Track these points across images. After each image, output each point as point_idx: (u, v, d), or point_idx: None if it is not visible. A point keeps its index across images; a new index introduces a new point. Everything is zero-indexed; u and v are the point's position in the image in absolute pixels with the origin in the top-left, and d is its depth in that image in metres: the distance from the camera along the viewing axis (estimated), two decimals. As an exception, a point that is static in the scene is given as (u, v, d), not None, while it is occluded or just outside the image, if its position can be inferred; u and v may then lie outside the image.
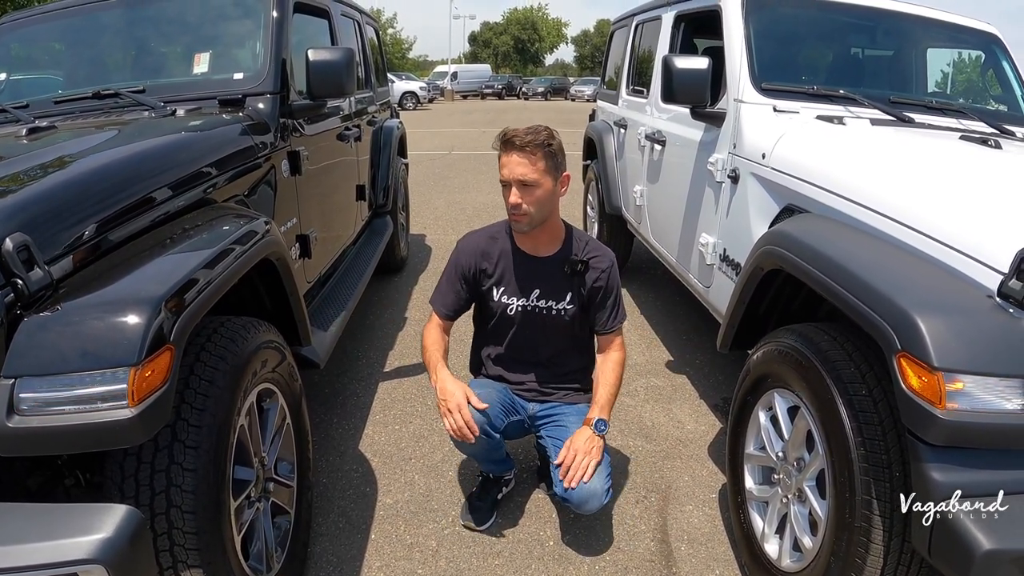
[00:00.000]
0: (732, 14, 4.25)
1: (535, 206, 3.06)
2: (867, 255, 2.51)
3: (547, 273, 3.26)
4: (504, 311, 3.32)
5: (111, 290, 2.04)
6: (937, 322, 2.01)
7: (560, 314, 3.29)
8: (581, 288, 3.26)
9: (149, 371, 1.86)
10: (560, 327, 3.33)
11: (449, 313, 3.37)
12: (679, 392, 4.78)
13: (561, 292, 3.26)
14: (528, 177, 2.99)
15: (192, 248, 2.41)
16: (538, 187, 3.02)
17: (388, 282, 7.00)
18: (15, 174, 2.42)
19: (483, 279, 3.32)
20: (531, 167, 2.99)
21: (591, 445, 3.09)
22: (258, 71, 3.89)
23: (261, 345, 2.58)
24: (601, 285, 3.26)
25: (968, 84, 5.39)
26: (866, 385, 2.32)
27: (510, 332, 3.39)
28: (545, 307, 3.28)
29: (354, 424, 4.28)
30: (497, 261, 3.29)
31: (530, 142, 2.97)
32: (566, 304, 3.27)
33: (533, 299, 3.28)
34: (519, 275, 3.28)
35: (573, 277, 3.24)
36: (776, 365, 2.76)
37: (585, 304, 3.29)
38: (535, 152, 2.98)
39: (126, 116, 3.64)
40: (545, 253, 3.26)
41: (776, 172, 3.45)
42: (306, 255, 4.05)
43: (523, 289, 3.28)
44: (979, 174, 2.89)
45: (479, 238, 3.35)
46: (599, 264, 3.26)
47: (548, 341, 3.38)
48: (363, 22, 6.74)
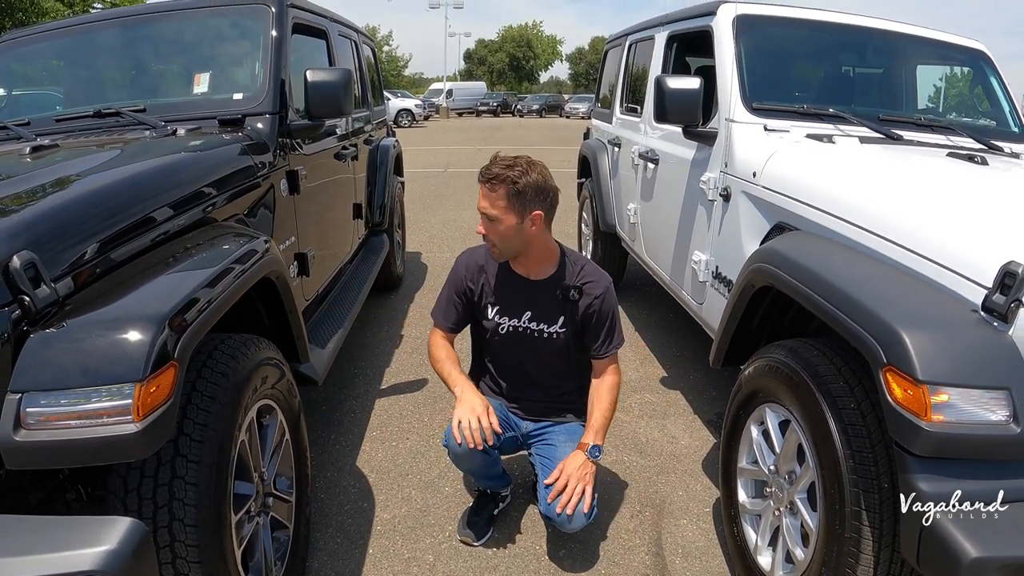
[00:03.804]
0: (723, 35, 4.31)
1: (498, 239, 3.10)
2: (854, 271, 2.57)
3: (539, 296, 3.26)
4: (496, 329, 3.34)
5: (116, 307, 2.09)
6: (922, 336, 2.07)
7: (552, 337, 3.28)
8: (574, 313, 3.24)
9: (154, 387, 1.91)
10: (553, 349, 3.32)
11: (451, 327, 3.40)
12: (673, 408, 4.82)
13: (553, 316, 3.26)
14: (488, 211, 3.03)
15: (194, 267, 2.46)
16: (499, 222, 3.03)
17: (384, 300, 7.04)
18: (21, 192, 2.47)
19: (478, 296, 3.34)
20: (490, 203, 3.02)
21: (584, 471, 3.12)
22: (257, 91, 3.94)
23: (261, 362, 2.63)
24: (595, 311, 3.23)
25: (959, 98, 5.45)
26: (855, 399, 2.37)
27: (503, 350, 3.41)
28: (537, 329, 3.28)
29: (352, 440, 4.31)
30: (492, 280, 3.31)
31: (496, 176, 2.98)
32: (558, 328, 3.26)
33: (525, 320, 3.28)
34: (511, 296, 3.29)
35: (565, 303, 3.23)
36: (767, 380, 2.81)
37: (579, 329, 3.28)
38: (496, 189, 2.99)
39: (127, 135, 3.69)
40: (537, 277, 3.25)
41: (766, 190, 3.51)
42: (304, 273, 4.09)
43: (515, 310, 3.29)
44: (964, 191, 2.96)
45: (477, 255, 3.36)
46: (593, 290, 3.23)
47: (540, 362, 3.39)
48: (360, 42, 6.80)
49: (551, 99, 67.19)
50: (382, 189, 6.61)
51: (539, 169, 3.04)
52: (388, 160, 6.93)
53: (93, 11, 39.15)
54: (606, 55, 8.13)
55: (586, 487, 3.10)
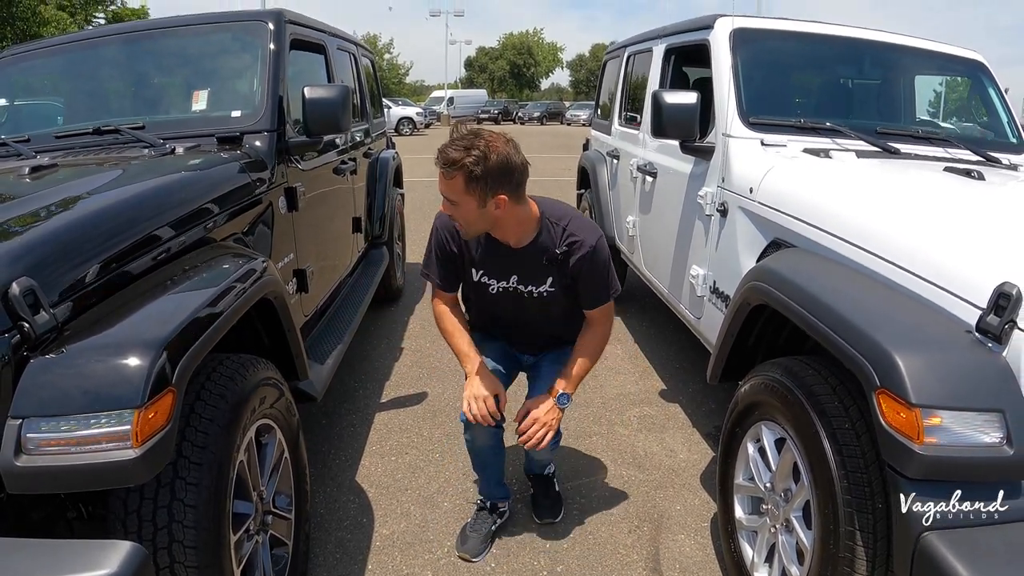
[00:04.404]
0: (720, 49, 4.34)
1: (463, 221, 2.99)
2: (848, 291, 2.59)
3: (524, 262, 3.16)
4: (486, 290, 3.29)
5: (115, 332, 2.11)
6: (915, 359, 2.08)
7: (544, 295, 3.23)
8: (563, 273, 3.16)
9: (152, 413, 1.93)
10: (545, 304, 3.27)
11: (446, 285, 3.35)
12: (672, 421, 4.83)
13: (541, 277, 3.19)
14: (447, 195, 2.92)
15: (193, 289, 2.48)
16: (460, 207, 2.92)
17: (384, 312, 7.06)
18: (20, 216, 2.48)
19: (461, 259, 3.26)
20: (447, 187, 2.89)
21: (549, 417, 3.20)
22: (255, 109, 3.96)
23: (259, 382, 2.64)
24: (583, 268, 3.13)
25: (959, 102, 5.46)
26: (849, 419, 2.38)
27: (496, 307, 3.38)
28: (526, 290, 3.23)
29: (351, 455, 4.33)
30: (473, 244, 3.21)
31: (452, 162, 2.80)
32: (547, 287, 3.19)
33: (513, 283, 3.23)
34: (495, 262, 3.21)
35: (551, 266, 3.14)
36: (763, 398, 2.82)
37: (568, 284, 3.19)
38: (452, 176, 2.83)
39: (126, 153, 3.71)
40: (519, 244, 3.13)
41: (763, 207, 3.53)
42: (303, 289, 4.11)
43: (501, 274, 3.23)
44: (960, 209, 2.96)
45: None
46: (579, 249, 3.09)
47: (534, 316, 3.36)
48: (359, 54, 6.82)
49: (552, 106, 67.24)
50: (382, 202, 6.63)
51: (500, 148, 2.84)
52: (388, 172, 6.95)
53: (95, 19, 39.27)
54: (605, 66, 8.17)
55: (548, 432, 3.20)
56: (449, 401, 5.01)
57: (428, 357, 5.90)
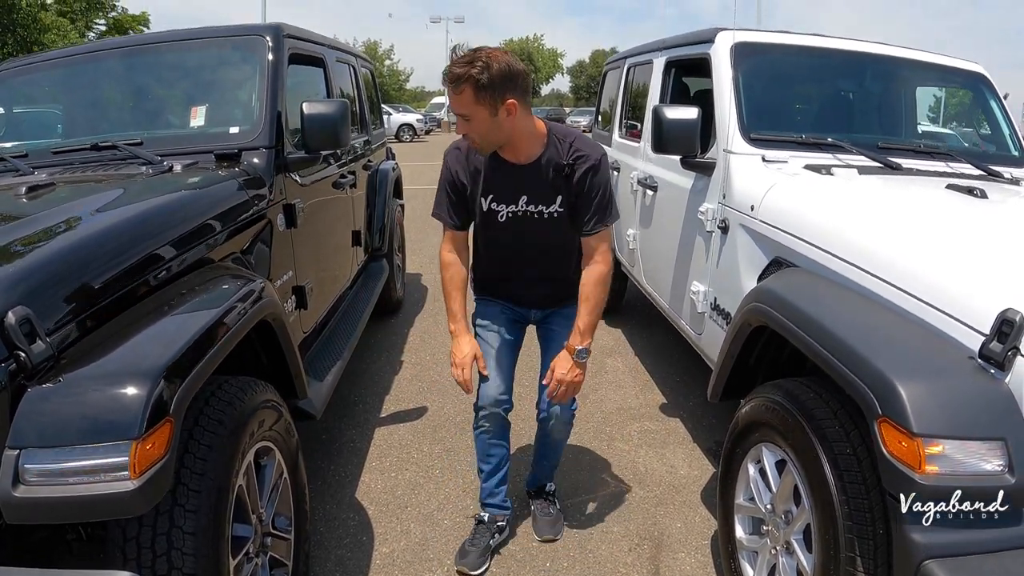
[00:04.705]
0: (721, 63, 4.32)
1: (478, 136, 3.06)
2: (850, 315, 2.58)
3: (532, 179, 3.23)
4: (496, 218, 3.32)
5: (112, 361, 2.10)
6: (917, 387, 2.07)
7: (553, 216, 3.27)
8: (569, 189, 3.22)
9: (150, 444, 1.92)
10: (553, 231, 3.32)
11: (456, 223, 3.40)
12: (672, 436, 4.82)
13: (549, 196, 3.25)
14: (459, 111, 3.00)
15: (190, 314, 2.47)
16: (474, 120, 3.00)
17: (384, 324, 7.04)
18: (17, 240, 2.47)
19: (471, 189, 3.32)
20: (458, 100, 2.97)
21: (573, 374, 3.32)
22: (254, 125, 3.95)
23: (258, 406, 2.63)
24: (587, 183, 3.19)
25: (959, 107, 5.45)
26: (850, 443, 2.37)
27: (504, 239, 3.40)
28: (536, 211, 3.27)
29: (351, 471, 4.32)
30: (482, 170, 3.27)
31: (459, 76, 2.91)
32: (557, 207, 3.25)
33: (522, 205, 3.27)
34: (505, 183, 3.26)
35: (559, 180, 3.21)
36: (763, 420, 2.80)
37: (574, 203, 3.25)
38: (461, 90, 2.92)
39: (124, 171, 3.69)
40: (527, 160, 3.20)
41: (764, 225, 3.52)
42: (302, 306, 4.10)
43: (510, 196, 3.28)
44: (962, 230, 2.93)
45: (463, 148, 3.32)
46: (585, 163, 3.18)
47: (541, 247, 3.41)
48: (358, 65, 6.82)
49: (553, 112, 66.87)
50: (381, 214, 6.63)
51: (501, 56, 2.95)
52: (387, 184, 6.95)
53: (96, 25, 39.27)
54: (605, 76, 8.14)
55: (575, 389, 3.40)
56: (449, 416, 5.00)
57: (428, 371, 5.90)
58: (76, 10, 36.18)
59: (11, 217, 2.77)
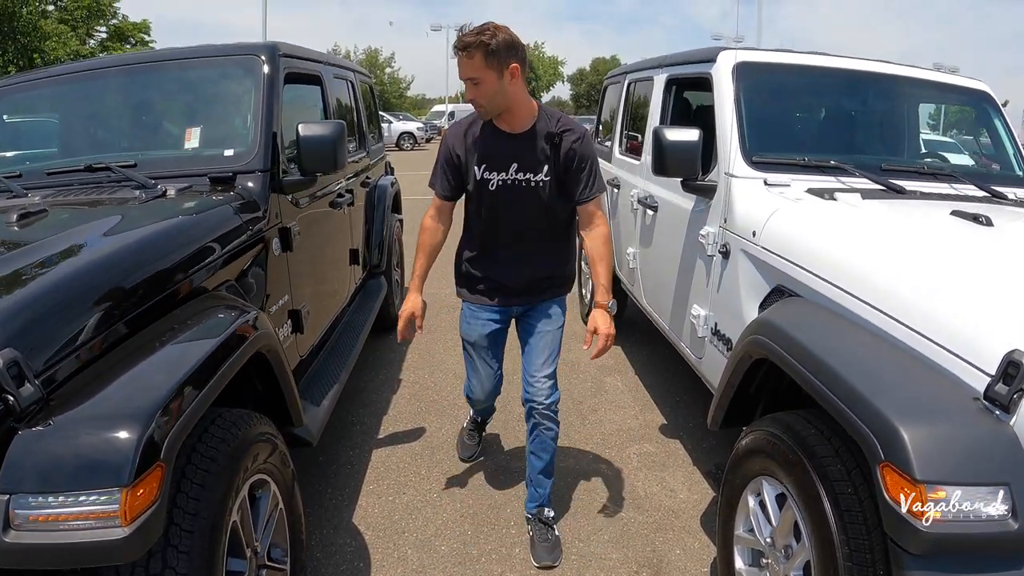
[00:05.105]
0: (723, 84, 4.28)
1: (485, 99, 3.38)
2: (852, 352, 2.53)
3: (523, 148, 3.53)
4: (487, 187, 3.60)
5: (101, 403, 2.07)
6: (920, 432, 2.03)
7: (539, 185, 3.56)
8: (556, 160, 3.53)
9: (141, 490, 1.89)
10: (539, 202, 3.61)
11: (446, 194, 3.75)
12: (672, 458, 4.79)
13: (538, 164, 3.53)
14: (470, 75, 3.33)
15: (182, 350, 2.43)
16: (483, 84, 3.33)
17: (383, 341, 6.98)
18: (4, 277, 2.42)
19: (466, 159, 3.61)
20: (470, 65, 3.30)
21: (609, 327, 3.70)
22: (248, 148, 3.89)
23: (253, 440, 2.60)
24: (575, 154, 3.52)
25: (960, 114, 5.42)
26: (851, 483, 2.33)
27: (494, 210, 3.68)
28: (524, 179, 3.55)
29: (347, 495, 4.28)
30: (478, 141, 3.58)
31: (470, 43, 3.26)
32: (543, 176, 3.55)
33: (512, 172, 3.55)
34: (498, 151, 3.55)
35: (548, 150, 3.52)
36: (763, 453, 2.77)
37: (561, 176, 3.57)
38: (473, 55, 3.28)
39: (117, 195, 3.65)
40: (521, 129, 3.52)
41: (766, 251, 3.48)
42: (298, 330, 4.06)
43: (502, 163, 3.55)
44: (967, 263, 2.82)
45: (462, 125, 3.69)
46: (571, 136, 3.52)
47: (528, 218, 3.67)
48: (356, 80, 6.77)
49: (553, 119, 67.10)
50: (380, 230, 6.58)
51: (505, 29, 3.34)
52: (386, 199, 6.90)
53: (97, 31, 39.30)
54: (605, 91, 8.11)
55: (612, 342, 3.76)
56: (447, 438, 4.96)
57: (427, 390, 5.85)
58: (77, 18, 36.24)
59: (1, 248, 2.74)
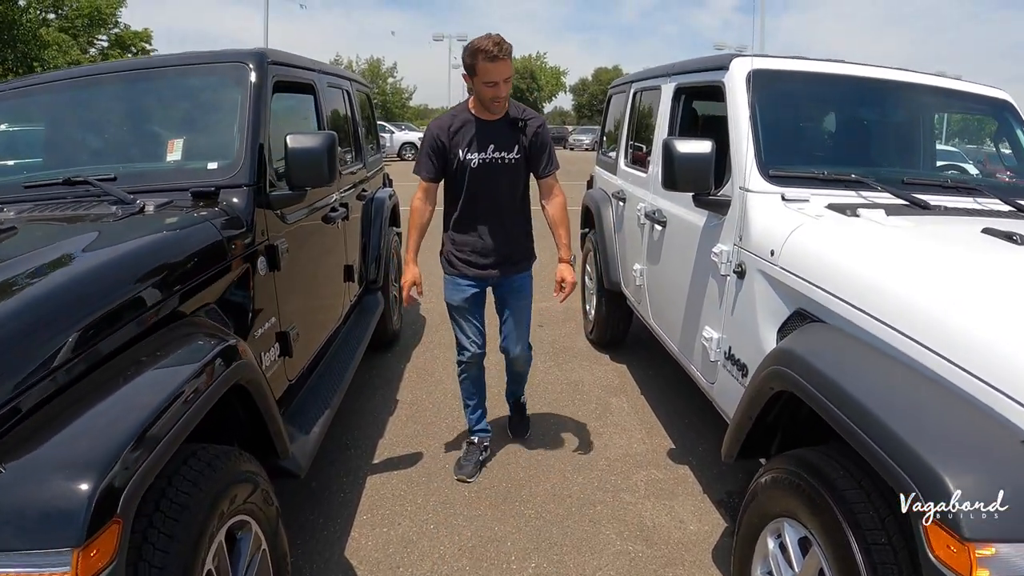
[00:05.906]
0: (737, 93, 4.05)
1: (506, 94, 4.19)
2: (886, 387, 2.32)
3: (499, 132, 4.32)
4: (469, 166, 4.30)
5: (55, 450, 1.86)
6: (969, 485, 1.81)
7: (512, 163, 4.35)
8: (523, 141, 4.36)
9: (94, 551, 1.68)
10: (512, 178, 4.40)
11: (431, 177, 4.41)
12: (681, 485, 4.55)
13: (510, 145, 4.34)
14: (507, 75, 4.11)
15: (150, 385, 2.23)
16: (509, 80, 4.15)
17: (380, 359, 6.77)
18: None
19: (451, 145, 4.30)
20: (507, 68, 4.09)
21: (573, 276, 4.54)
22: (233, 161, 3.67)
23: (231, 481, 2.39)
24: (538, 137, 4.41)
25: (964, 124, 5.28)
26: (886, 532, 2.13)
27: (474, 187, 4.36)
28: (499, 157, 4.32)
29: (340, 526, 4.06)
30: (461, 128, 4.31)
31: (505, 50, 4.02)
32: (515, 155, 4.35)
33: (489, 151, 4.31)
34: (478, 136, 4.29)
35: (517, 133, 4.34)
36: (785, 494, 2.56)
37: (528, 154, 4.40)
38: (508, 59, 4.07)
39: (94, 210, 3.43)
40: (497, 117, 4.31)
41: (786, 272, 3.24)
42: (287, 354, 3.84)
43: (482, 146, 4.30)
44: (1010, 288, 2.56)
45: (445, 118, 4.40)
46: (535, 123, 4.41)
47: (503, 191, 4.41)
48: (353, 89, 6.57)
49: (555, 131, 66.91)
50: (377, 244, 6.36)
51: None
52: (383, 212, 6.68)
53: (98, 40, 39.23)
54: (610, 100, 7.88)
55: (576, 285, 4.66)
56: (444, 463, 4.74)
57: (424, 411, 5.62)
58: (78, 27, 36.19)
59: None
